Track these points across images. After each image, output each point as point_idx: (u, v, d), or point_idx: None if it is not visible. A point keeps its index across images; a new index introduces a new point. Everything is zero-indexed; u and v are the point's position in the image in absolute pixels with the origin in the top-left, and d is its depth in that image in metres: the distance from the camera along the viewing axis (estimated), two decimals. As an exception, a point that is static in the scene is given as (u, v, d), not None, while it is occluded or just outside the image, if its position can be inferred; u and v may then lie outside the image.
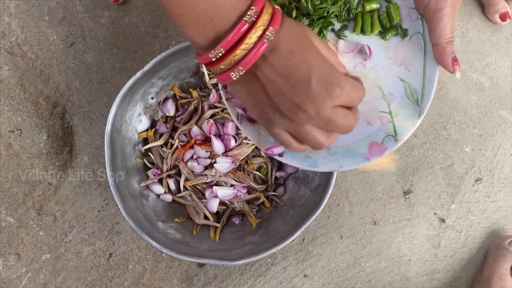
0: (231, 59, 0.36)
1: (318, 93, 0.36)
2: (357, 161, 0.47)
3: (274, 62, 0.37)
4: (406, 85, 0.48)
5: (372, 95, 0.48)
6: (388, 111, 0.48)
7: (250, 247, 0.66)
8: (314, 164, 0.48)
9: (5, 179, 0.75)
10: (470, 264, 0.82)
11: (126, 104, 0.66)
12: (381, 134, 0.48)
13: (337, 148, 0.48)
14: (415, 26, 0.47)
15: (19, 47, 0.76)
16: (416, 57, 0.47)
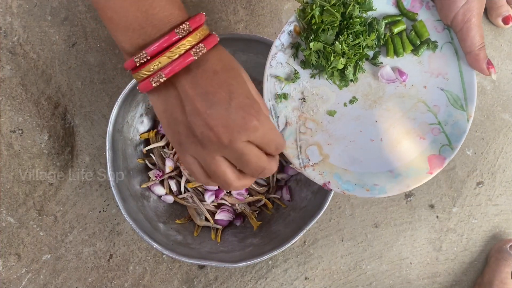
0: (154, 65, 0.35)
1: (234, 119, 0.35)
2: (422, 177, 0.49)
3: (196, 77, 0.36)
4: (448, 94, 0.49)
5: (419, 111, 0.50)
6: (437, 122, 0.49)
7: (251, 249, 0.66)
8: (383, 190, 0.49)
9: (6, 179, 0.75)
10: (471, 268, 0.82)
11: (128, 105, 0.66)
12: (436, 146, 0.49)
13: (399, 169, 0.50)
14: (443, 36, 0.48)
15: (21, 47, 0.76)
16: (451, 65, 0.49)
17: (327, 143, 0.51)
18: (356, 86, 0.50)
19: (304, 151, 0.51)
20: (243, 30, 0.81)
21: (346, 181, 0.50)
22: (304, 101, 0.51)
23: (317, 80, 0.51)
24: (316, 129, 0.51)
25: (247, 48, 0.66)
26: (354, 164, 0.50)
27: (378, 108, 0.50)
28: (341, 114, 0.51)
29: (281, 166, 0.75)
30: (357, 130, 0.50)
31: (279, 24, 0.82)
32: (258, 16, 0.81)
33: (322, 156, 0.51)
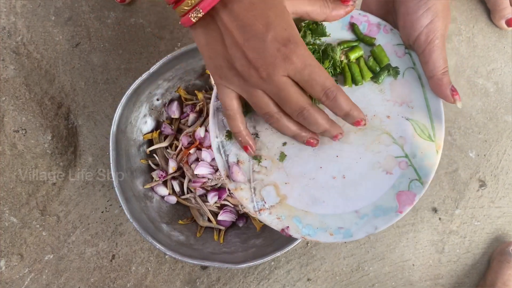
0: (190, 0, 0.36)
1: (271, 53, 0.35)
2: (390, 217, 0.45)
3: (234, 11, 0.35)
4: (414, 123, 0.45)
5: (383, 143, 0.46)
6: (404, 155, 0.45)
7: (254, 250, 0.66)
8: (348, 234, 0.45)
9: (9, 179, 0.75)
10: (473, 270, 0.82)
11: (132, 105, 0.66)
12: (405, 181, 0.45)
13: (365, 208, 0.45)
14: (404, 61, 0.45)
15: (25, 47, 0.76)
16: (415, 92, 0.45)
17: (284, 182, 0.46)
18: None
19: (259, 193, 0.46)
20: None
21: (307, 225, 0.46)
22: (257, 137, 0.46)
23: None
24: (271, 167, 0.46)
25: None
26: (315, 205, 0.46)
27: (338, 142, 0.45)
28: (298, 149, 0.46)
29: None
30: (317, 166, 0.46)
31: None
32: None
33: (280, 197, 0.46)
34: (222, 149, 0.46)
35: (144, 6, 0.80)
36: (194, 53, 0.65)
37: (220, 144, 0.46)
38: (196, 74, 0.72)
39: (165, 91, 0.71)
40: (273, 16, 0.36)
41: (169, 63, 0.64)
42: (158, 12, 0.81)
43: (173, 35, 0.81)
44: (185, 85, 0.73)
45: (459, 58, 0.86)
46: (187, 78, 0.71)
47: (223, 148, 0.46)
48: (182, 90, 0.72)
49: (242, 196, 0.46)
